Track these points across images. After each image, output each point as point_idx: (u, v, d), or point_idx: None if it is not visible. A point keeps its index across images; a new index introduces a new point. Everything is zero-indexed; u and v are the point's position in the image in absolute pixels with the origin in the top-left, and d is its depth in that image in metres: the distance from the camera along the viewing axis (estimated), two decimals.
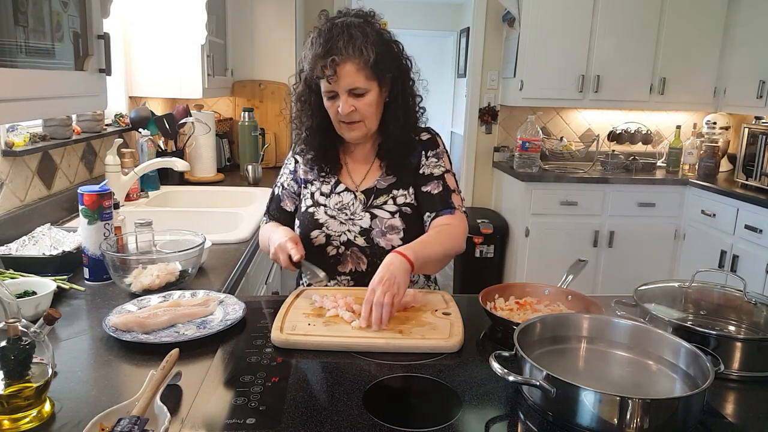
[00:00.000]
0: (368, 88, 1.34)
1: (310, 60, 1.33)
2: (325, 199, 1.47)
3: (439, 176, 1.45)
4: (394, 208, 1.43)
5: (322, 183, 1.49)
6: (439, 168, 1.46)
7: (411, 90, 1.44)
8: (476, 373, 1.01)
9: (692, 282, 1.26)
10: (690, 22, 3.73)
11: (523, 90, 3.79)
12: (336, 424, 0.84)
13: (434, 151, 1.48)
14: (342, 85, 1.32)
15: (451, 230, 1.39)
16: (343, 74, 1.30)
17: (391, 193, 1.45)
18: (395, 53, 1.39)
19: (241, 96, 3.46)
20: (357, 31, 1.30)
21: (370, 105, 1.35)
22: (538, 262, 3.68)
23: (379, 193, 1.45)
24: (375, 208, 1.44)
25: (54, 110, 1.35)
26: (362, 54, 1.30)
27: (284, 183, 1.55)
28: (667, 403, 0.84)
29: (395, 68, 1.39)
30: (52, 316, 0.89)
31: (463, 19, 7.48)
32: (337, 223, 1.44)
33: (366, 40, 1.30)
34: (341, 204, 1.45)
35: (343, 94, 1.33)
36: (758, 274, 3.01)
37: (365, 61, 1.30)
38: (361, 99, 1.34)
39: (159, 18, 2.66)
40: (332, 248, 1.45)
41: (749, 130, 3.31)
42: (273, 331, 1.10)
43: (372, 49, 1.31)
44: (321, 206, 1.47)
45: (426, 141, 1.49)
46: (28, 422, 0.82)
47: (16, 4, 1.04)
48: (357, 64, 1.30)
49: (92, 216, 1.37)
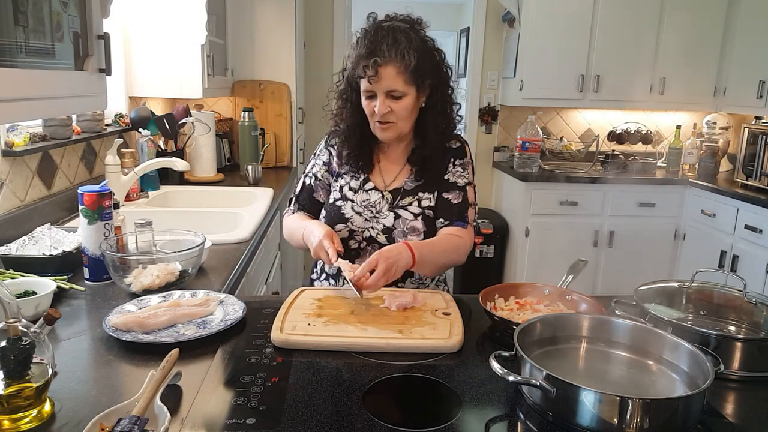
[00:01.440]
0: (406, 92, 1.37)
1: (354, 59, 1.37)
2: (353, 195, 1.50)
3: (461, 187, 1.49)
4: (418, 211, 1.46)
5: (352, 178, 1.52)
6: (463, 178, 1.50)
7: (450, 98, 1.47)
8: (476, 373, 1.01)
9: (692, 282, 1.26)
10: (690, 22, 3.73)
11: (523, 90, 3.79)
12: (336, 424, 0.84)
13: (462, 161, 1.52)
14: (381, 86, 1.36)
15: (459, 243, 1.44)
16: (383, 76, 1.34)
17: (417, 195, 1.48)
18: (437, 61, 1.43)
19: (241, 96, 3.46)
20: (402, 35, 1.34)
21: (405, 108, 1.39)
22: (538, 262, 3.68)
23: (405, 194, 1.48)
24: (400, 209, 1.47)
25: (54, 110, 1.35)
26: (404, 58, 1.34)
27: (317, 174, 1.57)
28: (667, 403, 0.84)
29: (435, 75, 1.42)
30: (52, 316, 0.89)
31: (463, 19, 7.48)
32: (361, 219, 1.47)
33: (409, 45, 1.34)
34: (368, 201, 1.48)
35: (381, 95, 1.37)
36: (758, 274, 3.01)
37: (406, 65, 1.34)
38: (398, 102, 1.38)
39: (159, 18, 2.66)
40: (354, 242, 1.48)
41: (749, 130, 3.31)
42: (273, 331, 1.10)
43: (414, 55, 1.34)
44: (348, 201, 1.50)
45: (456, 149, 1.52)
46: (28, 422, 0.82)
47: (16, 4, 1.04)
48: (398, 67, 1.34)
49: (92, 216, 1.37)
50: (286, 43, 3.44)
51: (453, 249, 1.43)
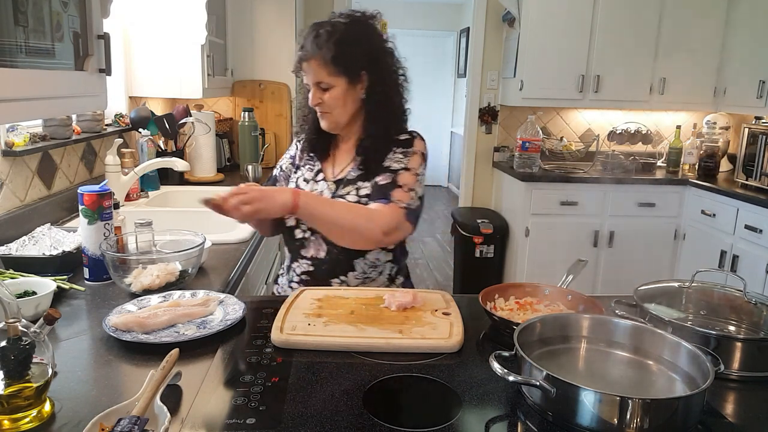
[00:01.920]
0: (333, 83, 1.41)
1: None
2: (305, 185, 1.54)
3: (394, 170, 1.43)
4: (355, 199, 1.46)
5: (307, 170, 1.57)
6: (399, 163, 1.44)
7: (392, 89, 1.47)
8: (476, 373, 1.01)
9: (692, 282, 1.26)
10: (690, 22, 3.73)
11: (523, 90, 3.79)
12: (336, 424, 0.84)
13: (403, 149, 1.47)
14: (311, 79, 1.44)
15: (366, 211, 1.38)
16: (307, 69, 1.42)
17: (356, 184, 1.48)
18: (371, 51, 1.43)
19: (241, 96, 3.46)
20: (324, 30, 1.39)
21: (335, 98, 1.43)
22: (538, 262, 3.68)
23: (347, 183, 1.50)
24: (339, 198, 1.48)
25: (54, 110, 1.35)
26: (321, 50, 1.38)
27: (283, 166, 1.65)
28: (667, 403, 0.84)
29: (370, 65, 1.42)
30: (52, 316, 0.89)
31: (463, 19, 7.49)
32: None
33: (329, 38, 1.38)
34: (315, 191, 1.51)
35: (313, 87, 1.44)
36: (758, 274, 3.01)
37: (324, 57, 1.39)
38: (327, 92, 1.43)
39: (159, 18, 2.66)
40: (300, 232, 1.51)
41: (749, 130, 3.31)
42: (273, 331, 1.10)
43: (332, 47, 1.37)
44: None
45: (402, 141, 1.48)
46: (28, 422, 0.82)
47: (16, 4, 1.04)
48: (318, 60, 1.40)
49: (92, 216, 1.37)
50: (286, 43, 3.44)
51: (356, 212, 1.37)
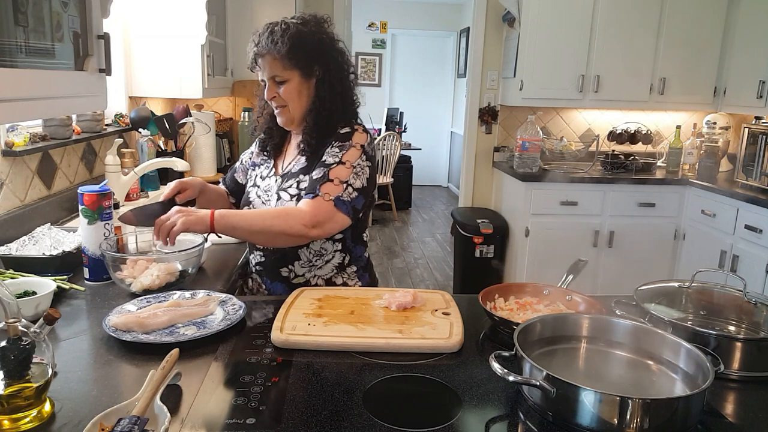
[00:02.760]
0: (287, 77, 1.45)
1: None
2: (261, 182, 1.59)
3: (328, 164, 1.42)
4: (295, 192, 1.48)
5: (264, 168, 1.61)
6: (333, 157, 1.43)
7: (340, 83, 1.49)
8: (476, 373, 1.01)
9: (692, 282, 1.26)
10: (690, 22, 3.73)
11: (523, 90, 3.79)
12: (336, 424, 0.84)
13: (342, 143, 1.46)
14: (266, 74, 1.47)
15: (278, 211, 1.41)
16: (263, 65, 1.46)
17: (297, 178, 1.50)
18: (323, 47, 1.47)
19: (241, 96, 3.46)
20: (279, 28, 1.43)
21: (289, 92, 1.47)
22: (538, 262, 3.68)
23: (289, 177, 1.52)
24: (281, 191, 1.51)
25: (54, 110, 1.35)
26: (276, 45, 1.42)
27: (243, 159, 1.73)
28: (667, 403, 0.84)
29: (321, 60, 1.46)
30: (52, 316, 0.89)
31: (463, 19, 7.49)
32: (260, 202, 1.56)
33: (283, 35, 1.42)
34: (267, 186, 1.56)
35: (269, 82, 1.48)
36: (758, 274, 3.00)
37: (278, 51, 1.42)
38: (282, 86, 1.47)
39: (159, 18, 2.66)
40: None
41: (749, 130, 3.31)
42: (273, 331, 1.10)
43: (287, 42, 1.41)
44: (255, 187, 1.59)
45: (342, 134, 1.47)
46: (28, 422, 0.82)
47: (16, 4, 1.04)
48: (272, 54, 1.43)
49: (92, 216, 1.37)
50: None
51: (273, 215, 1.38)
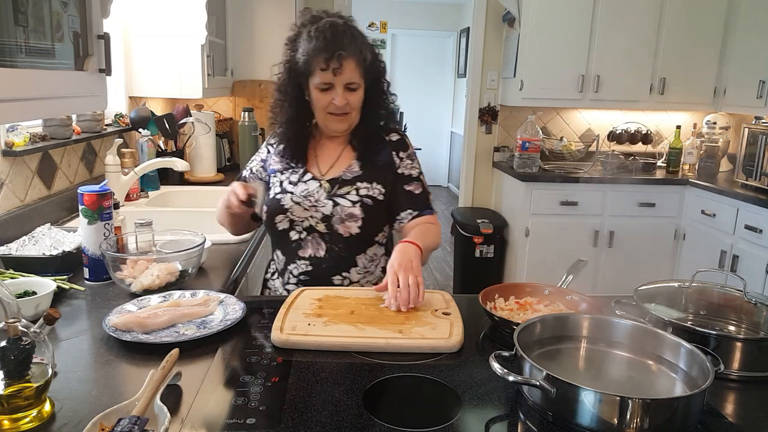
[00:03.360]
0: (360, 85, 1.45)
1: (310, 51, 1.40)
2: (293, 187, 1.53)
3: (416, 177, 1.55)
4: (356, 198, 1.48)
5: (291, 173, 1.55)
6: (414, 170, 1.56)
7: (387, 90, 1.54)
8: (476, 373, 1.01)
9: (692, 282, 1.26)
10: (690, 22, 3.73)
11: (523, 90, 3.79)
12: (336, 424, 0.84)
13: (406, 153, 1.57)
14: (342, 79, 1.41)
15: (437, 230, 1.52)
16: (346, 69, 1.40)
17: (355, 185, 1.50)
18: (378, 56, 1.51)
19: (241, 96, 3.46)
20: (357, 32, 1.43)
21: (360, 99, 1.47)
22: (538, 262, 3.68)
23: (344, 184, 1.50)
24: (338, 197, 1.49)
25: (54, 110, 1.35)
26: (361, 53, 1.42)
27: (253, 168, 1.62)
28: (667, 403, 0.84)
29: (377, 70, 1.50)
30: (52, 316, 0.89)
31: (463, 19, 7.49)
32: (301, 209, 1.49)
33: (363, 42, 1.44)
34: (307, 191, 1.51)
35: (340, 87, 1.42)
36: (758, 274, 3.01)
37: (363, 59, 1.43)
38: (354, 93, 1.45)
39: (159, 18, 2.66)
40: (295, 233, 1.50)
41: (749, 130, 3.31)
42: (273, 331, 1.10)
43: (369, 51, 1.45)
44: (288, 193, 1.52)
45: (396, 142, 1.57)
46: (28, 422, 0.82)
47: (16, 4, 1.04)
48: (356, 61, 1.42)
49: (92, 216, 1.37)
50: None
51: (435, 234, 1.50)
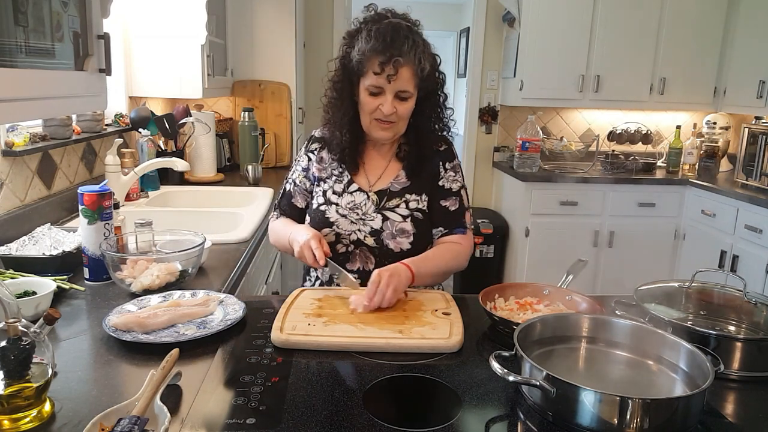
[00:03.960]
0: (412, 94, 1.38)
1: (366, 51, 1.33)
2: (338, 198, 1.46)
3: (456, 192, 1.50)
4: (407, 212, 1.44)
5: (335, 182, 1.48)
6: (456, 183, 1.51)
7: (443, 104, 1.47)
8: (476, 373, 1.01)
9: (692, 282, 1.26)
10: (690, 22, 3.73)
11: (523, 90, 3.79)
12: (336, 424, 0.84)
13: (452, 164, 1.51)
14: (394, 86, 1.34)
15: (459, 250, 1.46)
16: (401, 76, 1.32)
17: (404, 197, 1.45)
18: (437, 67, 1.43)
19: (241, 96, 3.46)
20: (419, 39, 1.35)
21: (409, 110, 1.39)
22: (538, 262, 3.68)
23: (392, 196, 1.45)
24: (387, 210, 1.44)
25: (54, 110, 1.35)
26: (420, 63, 1.34)
27: (296, 179, 1.55)
28: (667, 403, 0.84)
29: (435, 82, 1.42)
30: (52, 316, 0.89)
31: (463, 19, 7.48)
32: (347, 222, 1.44)
33: (425, 50, 1.35)
34: (353, 203, 1.45)
35: (390, 95, 1.35)
36: (758, 274, 3.00)
37: (422, 69, 1.35)
38: (404, 103, 1.37)
39: (159, 18, 2.66)
40: (342, 246, 1.45)
41: (749, 130, 3.31)
42: (273, 331, 1.10)
43: (428, 62, 1.36)
44: (333, 204, 1.46)
45: (443, 152, 1.51)
46: (28, 422, 0.82)
47: (16, 4, 1.04)
48: (413, 70, 1.34)
49: (92, 216, 1.37)
50: (286, 43, 3.44)
51: (452, 257, 1.44)
